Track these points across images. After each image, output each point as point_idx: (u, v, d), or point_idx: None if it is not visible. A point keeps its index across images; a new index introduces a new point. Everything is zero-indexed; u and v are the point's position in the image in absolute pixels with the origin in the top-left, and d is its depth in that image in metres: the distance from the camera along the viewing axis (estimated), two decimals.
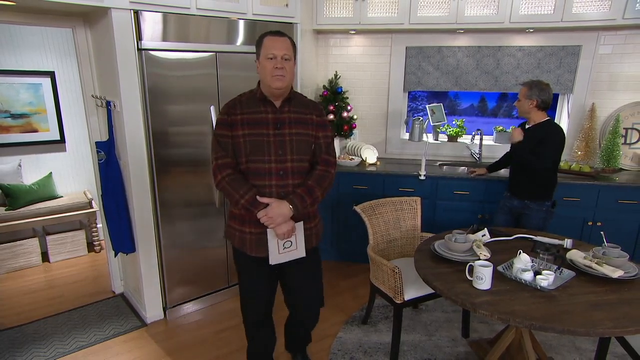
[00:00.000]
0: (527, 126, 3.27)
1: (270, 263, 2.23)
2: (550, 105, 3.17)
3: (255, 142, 2.15)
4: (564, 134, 3.13)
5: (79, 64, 3.34)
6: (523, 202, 3.29)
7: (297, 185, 2.22)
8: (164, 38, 2.99)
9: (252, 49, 3.37)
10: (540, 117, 3.18)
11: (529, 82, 3.18)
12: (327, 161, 2.30)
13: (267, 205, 2.14)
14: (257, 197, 2.14)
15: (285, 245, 2.22)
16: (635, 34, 3.88)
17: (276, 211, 2.12)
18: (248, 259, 2.29)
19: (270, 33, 2.16)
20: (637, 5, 3.45)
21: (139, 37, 2.90)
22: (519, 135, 3.18)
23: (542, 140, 3.10)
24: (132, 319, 3.44)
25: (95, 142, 3.24)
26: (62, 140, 4.68)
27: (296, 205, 2.16)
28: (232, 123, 2.16)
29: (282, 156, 2.17)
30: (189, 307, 3.56)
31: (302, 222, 2.25)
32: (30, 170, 4.58)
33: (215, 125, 2.21)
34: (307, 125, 2.25)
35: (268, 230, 2.18)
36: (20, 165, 4.48)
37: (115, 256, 3.53)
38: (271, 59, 2.09)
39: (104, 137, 3.36)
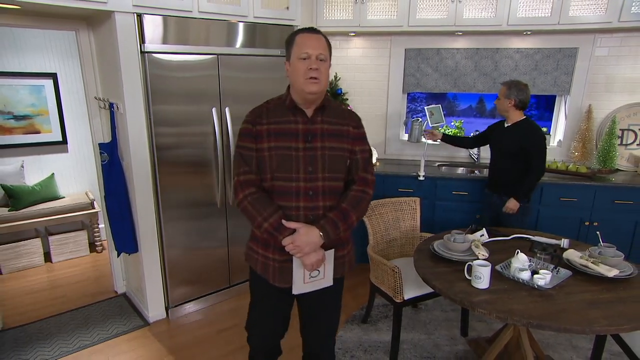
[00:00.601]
0: (505, 124, 3.38)
1: (293, 293, 1.97)
2: (527, 105, 3.29)
3: (282, 156, 1.87)
4: (543, 133, 3.25)
5: (82, 66, 3.37)
6: (501, 198, 3.39)
7: (328, 207, 1.93)
8: (166, 41, 3.03)
9: (253, 51, 3.46)
10: (517, 116, 3.29)
11: (508, 82, 3.29)
12: (365, 180, 2.00)
13: (294, 231, 1.86)
14: (283, 221, 1.86)
15: (312, 275, 1.94)
16: (631, 37, 3.93)
17: (304, 239, 1.83)
18: (269, 287, 2.02)
19: (303, 30, 1.90)
20: (633, 8, 3.50)
21: (142, 40, 2.94)
22: (515, 207, 3.29)
23: (522, 141, 3.22)
24: (135, 319, 3.48)
25: (99, 144, 3.27)
26: (64, 141, 4.72)
27: (327, 233, 1.87)
28: (257, 134, 1.89)
29: (313, 174, 1.89)
30: (191, 307, 3.60)
31: (332, 250, 1.97)
32: (32, 171, 4.61)
33: (239, 136, 1.95)
34: (342, 138, 1.95)
35: (294, 258, 1.90)
36: (22, 166, 4.51)
37: (118, 256, 3.56)
38: (305, 59, 1.83)
39: (107, 139, 3.39)
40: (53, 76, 4.52)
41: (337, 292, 2.13)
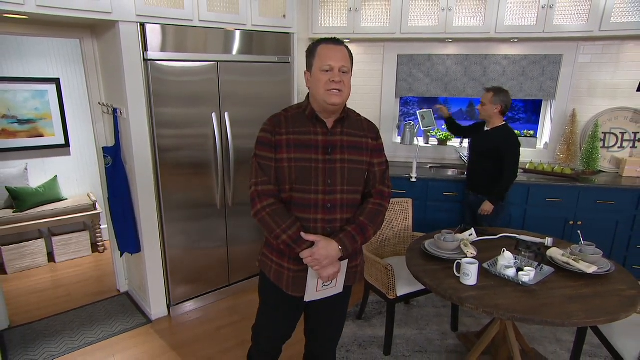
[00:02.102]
0: (486, 128, 3.54)
1: (305, 300, 1.98)
2: (507, 111, 3.44)
3: (301, 168, 1.84)
4: (518, 140, 3.40)
5: (86, 72, 3.45)
6: (477, 196, 3.55)
7: (345, 220, 1.92)
8: (168, 48, 3.13)
9: (251, 57, 3.55)
10: (499, 121, 3.45)
11: (493, 88, 3.42)
12: (382, 193, 1.99)
13: (312, 243, 1.84)
14: (302, 233, 1.85)
15: (325, 284, 1.95)
16: (611, 45, 4.08)
17: (323, 253, 1.81)
18: (281, 294, 2.01)
19: (325, 41, 1.85)
20: (612, 18, 3.66)
21: (145, 48, 3.03)
22: (489, 209, 3.47)
23: (499, 145, 3.37)
24: (138, 316, 3.57)
25: (103, 148, 3.35)
26: (67, 144, 4.78)
27: (346, 247, 1.86)
28: (276, 144, 1.85)
29: (331, 186, 1.87)
30: (191, 305, 3.70)
31: (346, 261, 1.96)
32: (36, 173, 4.67)
33: (257, 145, 1.91)
34: (361, 150, 1.93)
35: (309, 268, 1.89)
36: (26, 169, 4.56)
37: (121, 256, 3.65)
38: (327, 71, 1.80)
39: (110, 143, 3.47)
40: (56, 81, 4.58)
41: (345, 299, 2.14)
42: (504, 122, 3.46)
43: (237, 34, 3.48)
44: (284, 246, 1.88)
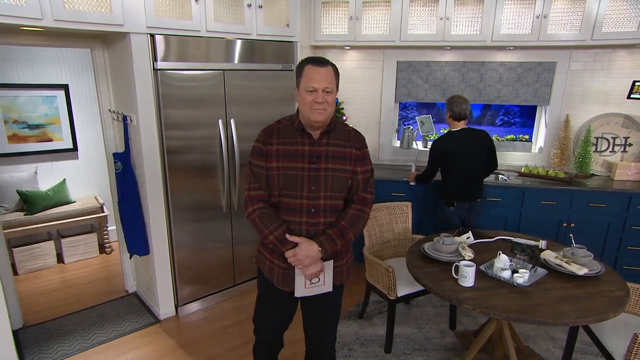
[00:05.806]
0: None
1: (295, 296, 2.13)
2: (464, 116, 3.58)
3: (288, 175, 2.01)
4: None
5: (96, 80, 3.54)
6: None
7: (328, 223, 2.06)
8: (177, 58, 3.23)
9: (256, 66, 3.67)
10: (457, 126, 3.62)
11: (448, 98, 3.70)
12: (364, 200, 2.11)
13: (295, 244, 2.01)
14: (287, 235, 2.01)
15: (313, 282, 2.10)
16: (603, 53, 4.20)
17: (304, 253, 1.98)
18: (274, 288, 2.17)
19: (311, 61, 1.96)
20: (603, 28, 3.79)
21: (155, 58, 3.12)
22: (412, 179, 4.00)
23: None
24: (146, 316, 3.67)
25: (113, 154, 3.44)
26: (75, 148, 4.86)
27: (326, 248, 2.01)
28: (267, 153, 2.03)
29: (315, 192, 2.02)
30: (198, 305, 3.79)
31: (331, 261, 2.11)
32: (45, 177, 4.75)
33: (251, 153, 2.09)
34: (345, 159, 2.06)
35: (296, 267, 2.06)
36: (36, 173, 4.65)
37: (130, 258, 3.76)
38: (311, 91, 1.93)
39: (120, 149, 3.57)
40: (65, 87, 4.67)
41: (336, 297, 2.26)
42: (464, 127, 3.62)
43: (243, 43, 3.58)
44: (272, 245, 2.06)
